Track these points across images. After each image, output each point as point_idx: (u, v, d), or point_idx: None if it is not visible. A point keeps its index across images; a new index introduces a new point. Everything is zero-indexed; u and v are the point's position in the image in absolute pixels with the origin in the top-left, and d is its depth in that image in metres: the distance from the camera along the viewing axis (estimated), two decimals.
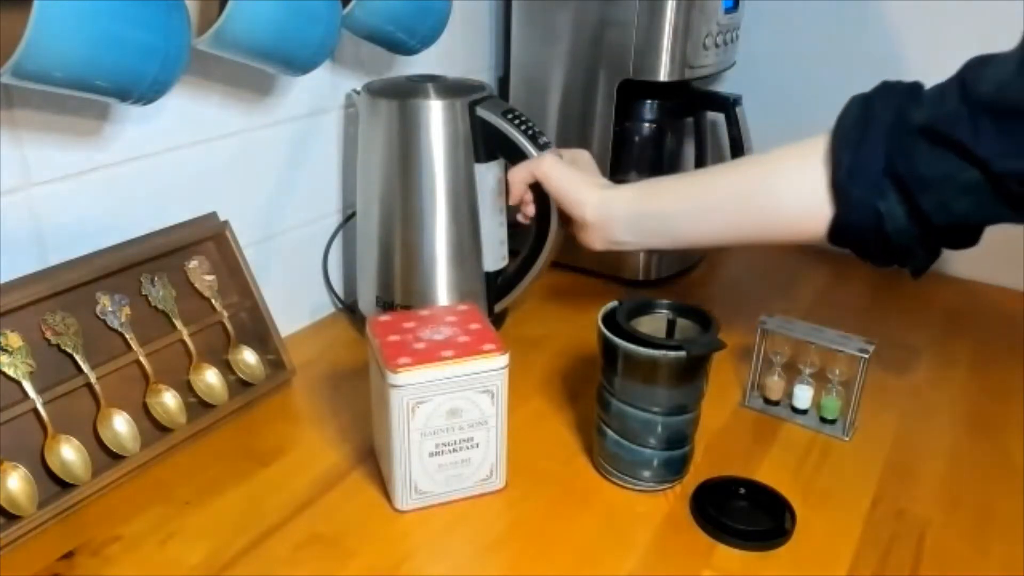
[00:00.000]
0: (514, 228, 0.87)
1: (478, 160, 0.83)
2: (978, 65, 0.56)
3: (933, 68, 1.12)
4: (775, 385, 0.77)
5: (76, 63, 0.53)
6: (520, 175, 0.77)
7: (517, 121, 0.81)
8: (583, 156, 0.80)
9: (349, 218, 0.94)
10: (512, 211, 0.83)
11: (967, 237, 0.60)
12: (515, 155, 0.80)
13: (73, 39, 0.51)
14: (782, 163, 0.65)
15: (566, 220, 0.76)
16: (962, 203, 0.56)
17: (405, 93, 0.82)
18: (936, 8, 1.03)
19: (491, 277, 0.88)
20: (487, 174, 0.84)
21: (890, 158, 0.57)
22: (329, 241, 0.94)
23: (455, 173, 0.82)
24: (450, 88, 0.83)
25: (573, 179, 0.73)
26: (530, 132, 0.81)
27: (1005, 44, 1.06)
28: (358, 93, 0.85)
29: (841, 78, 1.12)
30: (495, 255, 0.88)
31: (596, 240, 0.73)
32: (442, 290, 0.86)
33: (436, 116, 0.81)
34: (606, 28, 0.96)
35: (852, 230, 0.60)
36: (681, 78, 0.96)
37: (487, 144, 0.82)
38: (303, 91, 0.85)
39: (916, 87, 0.60)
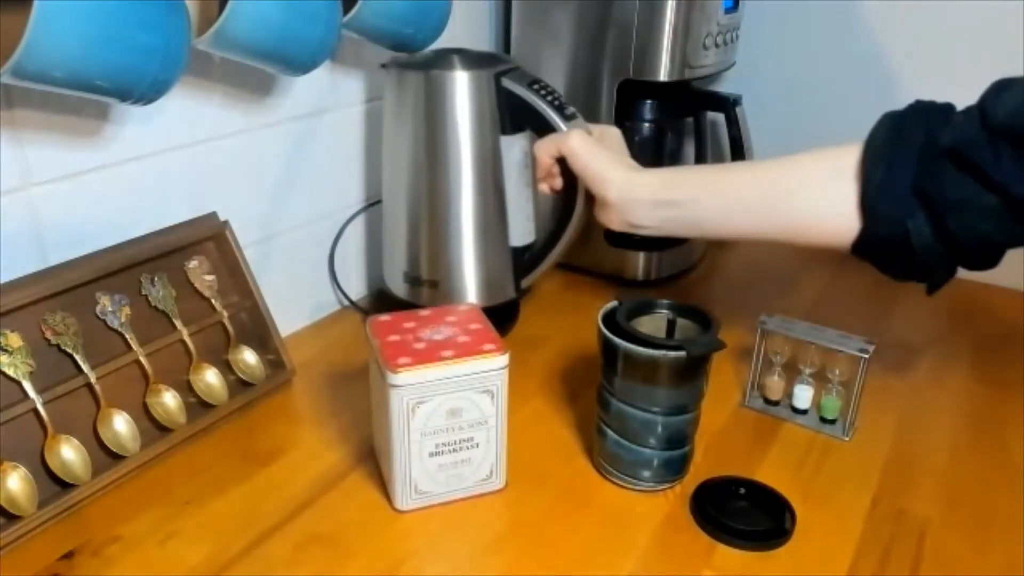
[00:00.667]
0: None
1: (504, 132, 0.82)
2: (996, 90, 0.58)
3: (933, 68, 1.13)
4: (775, 385, 0.77)
5: (76, 63, 0.53)
6: (547, 149, 0.76)
7: (543, 92, 0.80)
8: (612, 133, 0.78)
9: (361, 211, 0.94)
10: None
11: (989, 258, 0.61)
12: (542, 127, 0.80)
13: (73, 39, 0.51)
14: (810, 171, 0.65)
15: (589, 196, 0.76)
16: (985, 226, 0.57)
17: (431, 64, 0.82)
18: (936, 8, 1.03)
19: (518, 252, 0.87)
20: (513, 146, 0.83)
21: (919, 178, 0.58)
22: (335, 238, 0.94)
23: (481, 145, 0.82)
24: (476, 60, 0.83)
25: (598, 157, 0.73)
26: (556, 103, 0.80)
27: (1005, 44, 1.06)
28: (385, 67, 0.84)
29: (841, 78, 1.13)
30: (522, 230, 0.87)
31: (615, 220, 0.72)
32: (469, 265, 0.86)
33: (462, 87, 0.80)
34: (606, 28, 0.96)
35: (878, 245, 0.61)
36: (681, 78, 0.96)
37: (513, 116, 0.82)
38: (303, 91, 0.85)
39: (947, 108, 0.60)
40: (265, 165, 0.84)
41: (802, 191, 0.65)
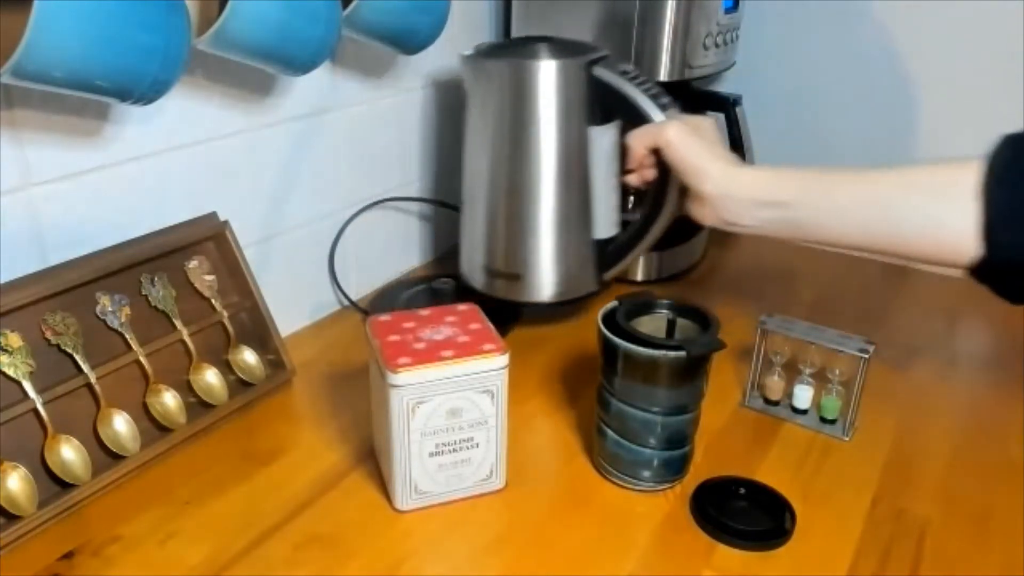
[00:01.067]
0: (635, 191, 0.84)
1: (593, 123, 0.80)
2: None
3: (933, 68, 1.12)
4: (775, 385, 0.77)
5: (76, 63, 0.53)
6: (642, 139, 0.73)
7: (638, 81, 0.78)
8: (706, 124, 0.74)
9: (360, 211, 0.94)
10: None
11: None
12: (633, 117, 0.77)
13: (73, 39, 0.51)
14: (925, 184, 0.62)
15: (682, 190, 0.73)
16: None
17: (518, 54, 0.80)
18: (936, 8, 1.03)
19: (601, 245, 0.86)
20: (602, 137, 0.81)
21: None
22: (335, 238, 0.94)
23: (568, 136, 0.80)
24: (564, 48, 0.81)
25: (696, 149, 0.70)
26: (651, 92, 0.77)
27: (1005, 45, 1.06)
28: (467, 57, 0.83)
29: (841, 78, 1.13)
30: (606, 222, 0.85)
31: (709, 215, 0.70)
32: (549, 257, 0.84)
33: (550, 77, 0.78)
34: (606, 28, 0.96)
35: (1000, 271, 0.59)
36: (681, 78, 0.96)
37: (603, 106, 0.79)
38: (303, 91, 0.85)
39: None
40: (265, 165, 0.84)
41: (915, 204, 0.62)
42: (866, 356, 0.70)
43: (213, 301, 0.76)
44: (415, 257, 1.09)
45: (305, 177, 0.88)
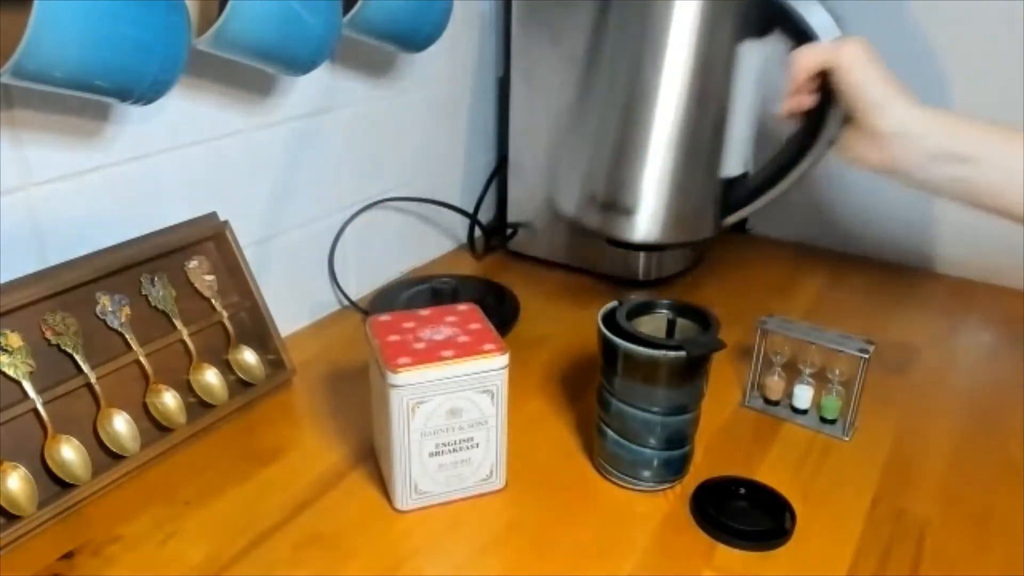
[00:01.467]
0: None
1: (745, 37, 0.68)
2: None
3: (932, 68, 1.12)
4: (775, 385, 0.77)
5: (76, 63, 0.53)
6: (811, 58, 0.63)
7: None
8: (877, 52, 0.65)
9: (360, 212, 0.94)
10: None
11: None
12: (798, 34, 0.67)
13: (73, 39, 0.51)
14: None
15: (844, 124, 0.64)
16: None
17: None
18: (936, 8, 1.03)
19: (728, 184, 0.74)
20: (752, 55, 0.69)
21: None
22: (335, 238, 0.94)
23: (709, 50, 0.68)
24: None
25: (880, 77, 0.61)
26: (827, 3, 0.67)
27: (1005, 45, 1.06)
28: None
29: None
30: (738, 157, 0.73)
31: (875, 156, 0.62)
32: (663, 190, 0.73)
33: None
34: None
35: None
36: None
37: (762, 16, 0.68)
38: (303, 91, 0.85)
39: None
40: (265, 165, 0.84)
41: None
42: (866, 356, 0.70)
43: (213, 301, 0.76)
44: (415, 257, 1.09)
45: (305, 177, 0.88)
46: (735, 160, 0.73)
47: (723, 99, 0.70)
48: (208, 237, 0.77)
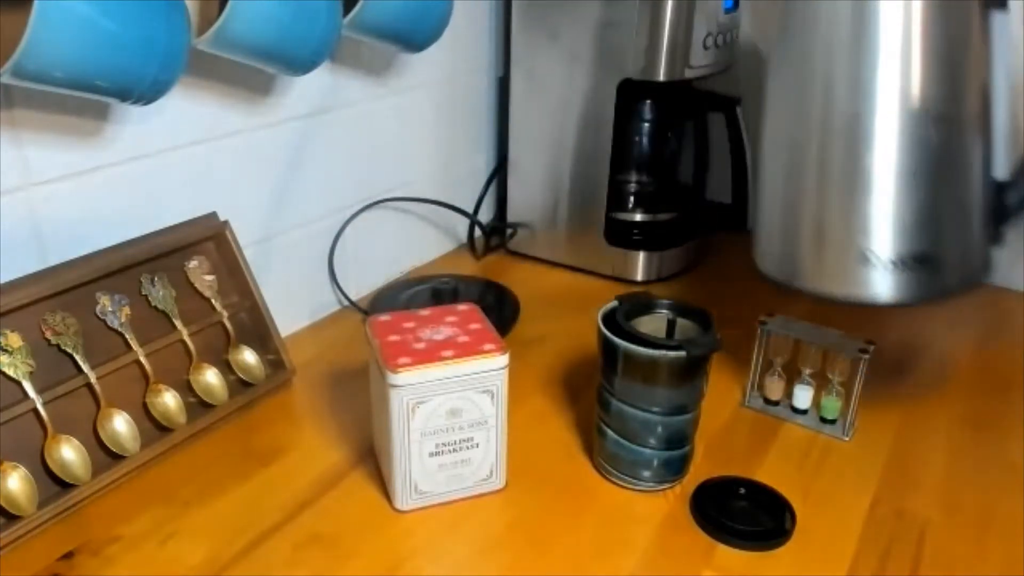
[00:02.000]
0: None
1: (997, 6, 0.57)
2: None
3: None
4: (775, 385, 0.77)
5: (76, 63, 0.53)
6: None
7: None
8: None
9: (360, 211, 0.94)
10: None
11: None
12: None
13: (73, 39, 0.51)
14: None
15: None
16: None
17: None
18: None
19: (1000, 189, 0.60)
20: (1005, 25, 0.57)
21: None
22: (335, 238, 0.94)
23: (951, 19, 0.56)
24: None
25: None
26: None
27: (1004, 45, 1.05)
28: None
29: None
30: (1011, 153, 0.61)
31: None
32: (904, 215, 0.57)
33: None
34: (606, 28, 0.96)
35: None
36: (681, 78, 0.96)
37: None
38: (303, 91, 0.85)
39: None
40: (265, 165, 0.84)
41: None
42: (866, 356, 0.70)
43: (213, 301, 0.76)
44: (415, 257, 1.09)
45: (305, 177, 0.88)
46: (1007, 156, 0.61)
47: (984, 85, 0.57)
48: (208, 237, 0.77)
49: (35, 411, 0.62)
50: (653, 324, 0.67)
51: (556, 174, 1.05)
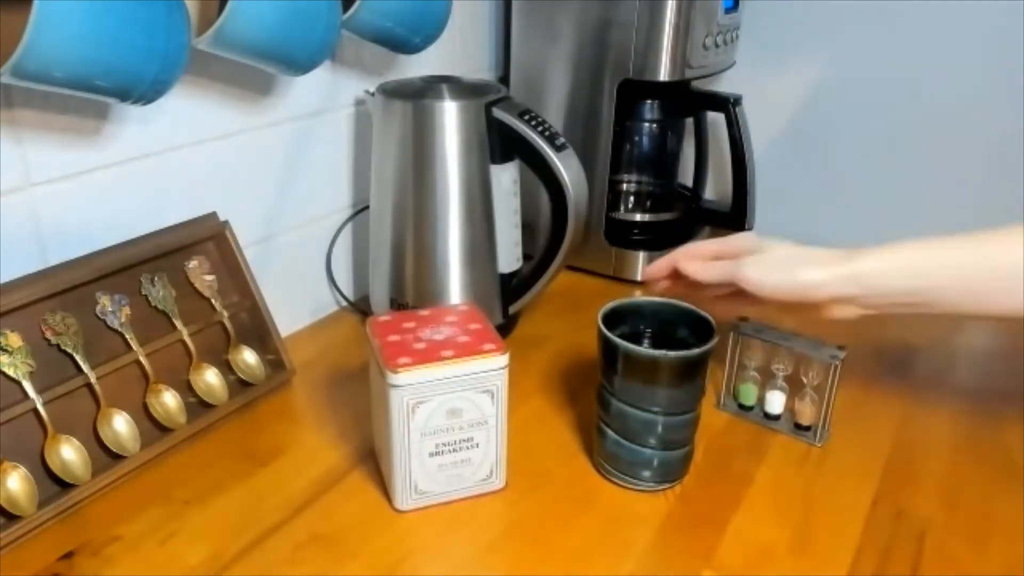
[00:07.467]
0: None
1: (494, 161, 0.82)
2: None
3: (931, 68, 1.12)
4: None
5: (76, 63, 0.53)
6: (711, 274, 0.67)
7: (534, 123, 0.81)
8: (747, 241, 0.68)
9: (356, 213, 0.95)
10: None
11: None
12: (531, 156, 0.81)
13: (73, 39, 0.51)
14: None
15: (791, 308, 0.66)
16: None
17: (420, 94, 0.81)
18: (937, 8, 1.03)
19: (505, 279, 0.88)
20: (502, 175, 0.83)
21: None
22: (332, 240, 0.94)
23: (470, 174, 0.82)
24: (465, 89, 0.83)
25: (787, 272, 0.64)
26: (547, 133, 0.81)
27: (1004, 45, 1.06)
28: (371, 94, 0.84)
29: (841, 78, 1.13)
30: (509, 256, 0.87)
31: (851, 312, 0.65)
32: (455, 291, 0.86)
33: (451, 117, 0.80)
34: (606, 28, 0.96)
35: None
36: (681, 78, 0.96)
37: (503, 145, 0.82)
38: (303, 91, 0.85)
39: None
40: (265, 165, 0.84)
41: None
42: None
43: (213, 301, 0.76)
44: None
45: (305, 177, 0.88)
46: (506, 258, 0.87)
47: (488, 212, 0.84)
48: (208, 237, 0.77)
49: (35, 411, 0.62)
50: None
51: None
